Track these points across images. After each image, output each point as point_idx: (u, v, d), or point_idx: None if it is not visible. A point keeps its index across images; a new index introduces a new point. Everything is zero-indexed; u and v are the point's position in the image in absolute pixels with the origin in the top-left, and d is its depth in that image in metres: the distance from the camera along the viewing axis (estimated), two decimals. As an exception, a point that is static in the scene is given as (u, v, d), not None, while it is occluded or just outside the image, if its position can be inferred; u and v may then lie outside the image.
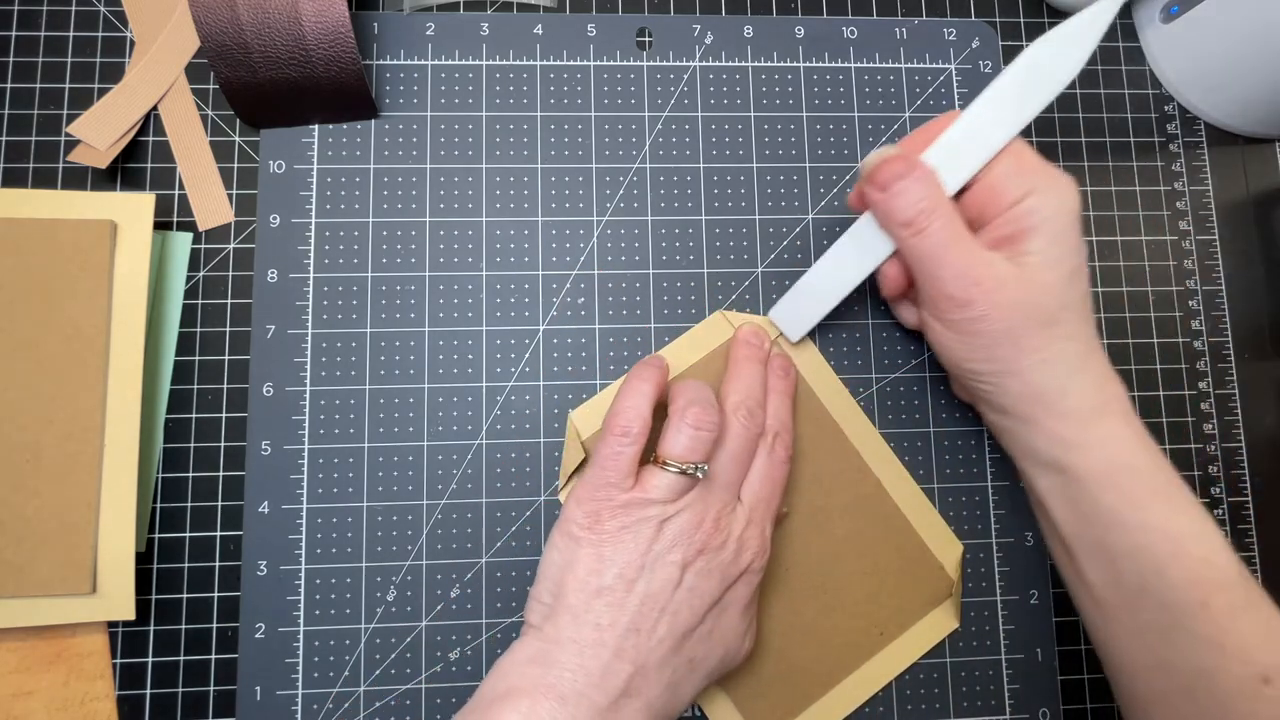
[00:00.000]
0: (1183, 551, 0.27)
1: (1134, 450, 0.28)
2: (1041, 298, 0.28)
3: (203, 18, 0.34)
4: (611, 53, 0.39)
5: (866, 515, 0.35)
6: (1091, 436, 0.28)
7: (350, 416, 0.35)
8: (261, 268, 0.36)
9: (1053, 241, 0.28)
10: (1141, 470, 0.28)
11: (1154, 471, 0.28)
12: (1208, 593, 0.27)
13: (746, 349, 0.34)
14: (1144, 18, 0.41)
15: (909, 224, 0.29)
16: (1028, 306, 0.28)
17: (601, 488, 0.29)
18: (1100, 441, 0.28)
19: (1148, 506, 0.27)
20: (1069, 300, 0.28)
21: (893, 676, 0.35)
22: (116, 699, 0.34)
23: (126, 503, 0.33)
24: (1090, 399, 0.28)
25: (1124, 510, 0.28)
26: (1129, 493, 0.28)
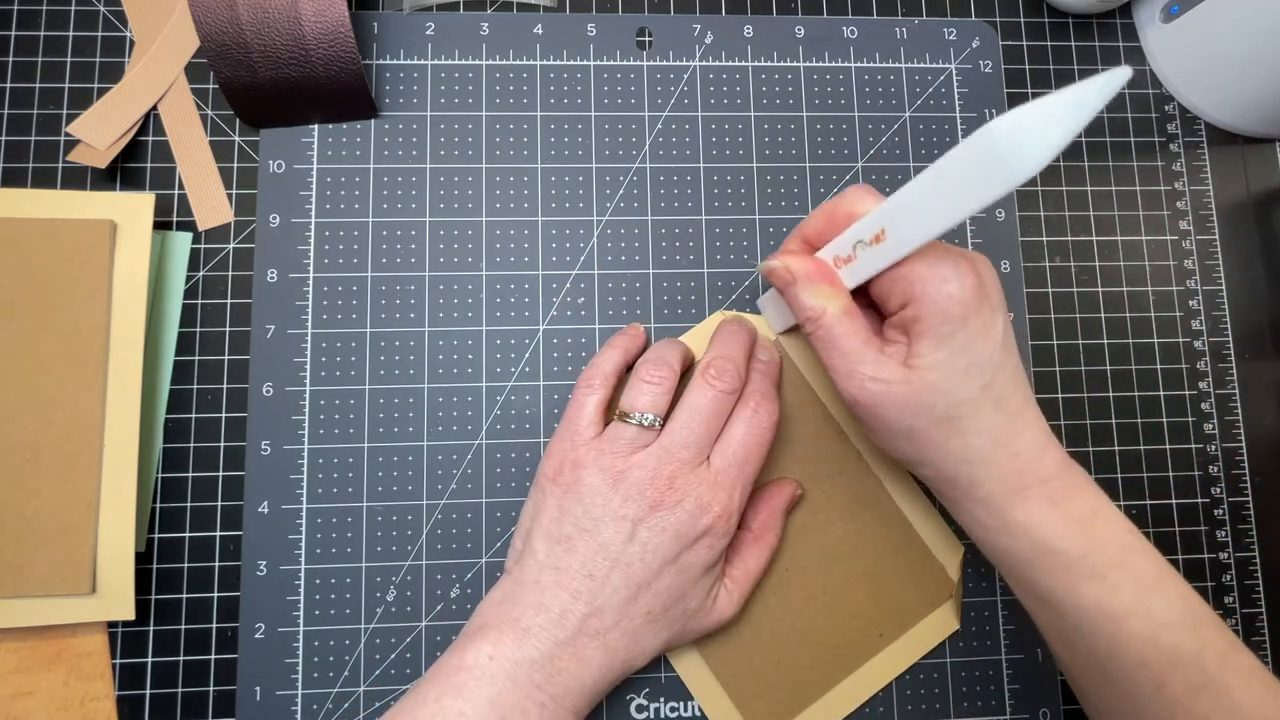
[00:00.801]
0: (1124, 632, 0.26)
1: (1059, 533, 0.27)
2: (930, 399, 0.27)
3: (203, 17, 0.34)
4: (611, 52, 0.39)
5: (867, 516, 0.35)
6: (1009, 521, 0.28)
7: (350, 416, 0.35)
8: (261, 268, 0.36)
9: (938, 344, 0.27)
10: (1069, 553, 0.27)
11: (1086, 554, 0.27)
12: (1160, 674, 0.26)
13: (729, 325, 0.34)
14: (1144, 18, 0.41)
15: (803, 324, 0.30)
16: (916, 407, 0.27)
17: (565, 439, 0.31)
18: (1021, 526, 0.28)
19: (1081, 590, 0.27)
20: (964, 397, 0.27)
21: (893, 677, 0.35)
22: (116, 699, 0.34)
23: (126, 503, 0.32)
24: (1005, 485, 0.28)
25: (1058, 593, 0.27)
26: (1059, 577, 0.27)
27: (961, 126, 0.39)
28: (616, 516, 0.29)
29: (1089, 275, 0.39)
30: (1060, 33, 0.41)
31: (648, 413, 0.30)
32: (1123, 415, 0.38)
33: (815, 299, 0.29)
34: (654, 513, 0.29)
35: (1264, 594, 0.37)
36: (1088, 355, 0.38)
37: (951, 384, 0.27)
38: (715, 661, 0.34)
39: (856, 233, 0.28)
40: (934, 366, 0.27)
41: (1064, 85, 0.22)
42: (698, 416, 0.30)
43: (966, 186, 0.24)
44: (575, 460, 0.30)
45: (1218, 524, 0.38)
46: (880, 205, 0.27)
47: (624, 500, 0.29)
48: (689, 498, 0.29)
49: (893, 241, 0.27)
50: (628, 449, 0.30)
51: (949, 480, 0.29)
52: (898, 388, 0.27)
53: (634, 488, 0.29)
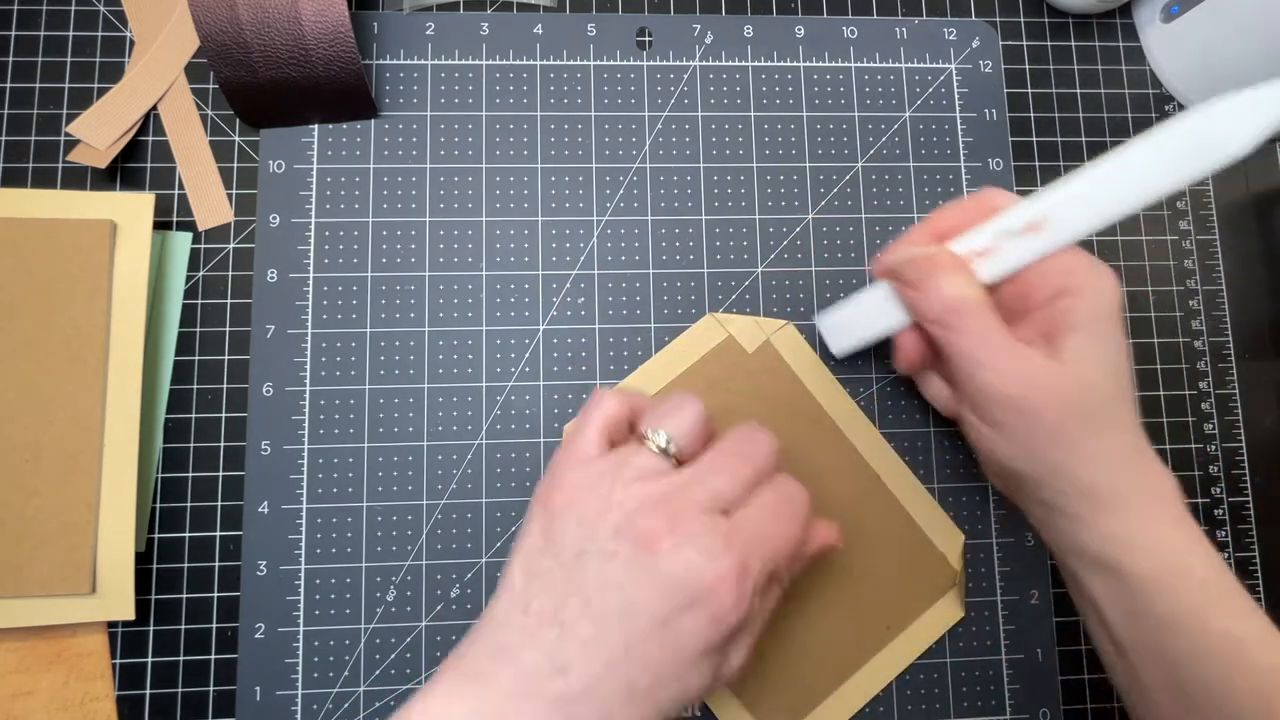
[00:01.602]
0: (1247, 659, 0.25)
1: (1189, 553, 0.26)
2: (1086, 396, 0.26)
3: (202, 17, 0.34)
4: (611, 52, 0.39)
5: (866, 510, 0.35)
6: (1144, 538, 0.26)
7: (350, 416, 0.35)
8: (261, 268, 0.36)
9: (1093, 340, 0.26)
10: (1198, 574, 0.26)
11: (1211, 576, 0.26)
12: (1275, 703, 0.25)
13: None
14: (1144, 18, 0.41)
15: (938, 321, 0.28)
16: (1073, 405, 0.26)
17: (564, 458, 0.27)
18: (1154, 543, 0.26)
19: (1207, 612, 0.26)
20: (1112, 397, 0.26)
21: (901, 670, 0.35)
22: (116, 699, 0.34)
23: (126, 503, 0.32)
24: (1141, 498, 0.27)
25: (1181, 615, 0.26)
26: (1186, 597, 0.26)
27: (961, 126, 0.39)
28: (602, 553, 0.24)
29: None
30: (1060, 33, 0.41)
31: (674, 440, 0.26)
32: (1123, 415, 0.38)
33: (959, 288, 0.27)
34: (641, 553, 0.23)
35: (1264, 594, 0.37)
36: (1088, 355, 0.38)
37: (1105, 382, 0.26)
38: None
39: (1004, 222, 0.27)
40: (1088, 360, 0.26)
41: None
42: (731, 462, 0.26)
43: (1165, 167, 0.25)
44: (570, 483, 0.25)
45: (1218, 524, 0.38)
46: (1039, 196, 0.27)
47: (613, 534, 0.24)
48: (690, 546, 0.23)
49: (1054, 230, 0.27)
50: (634, 476, 0.25)
51: (1085, 490, 0.27)
52: (1055, 383, 0.26)
53: (627, 520, 0.24)
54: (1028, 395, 0.26)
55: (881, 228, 0.38)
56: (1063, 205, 0.27)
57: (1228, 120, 0.24)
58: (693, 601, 0.23)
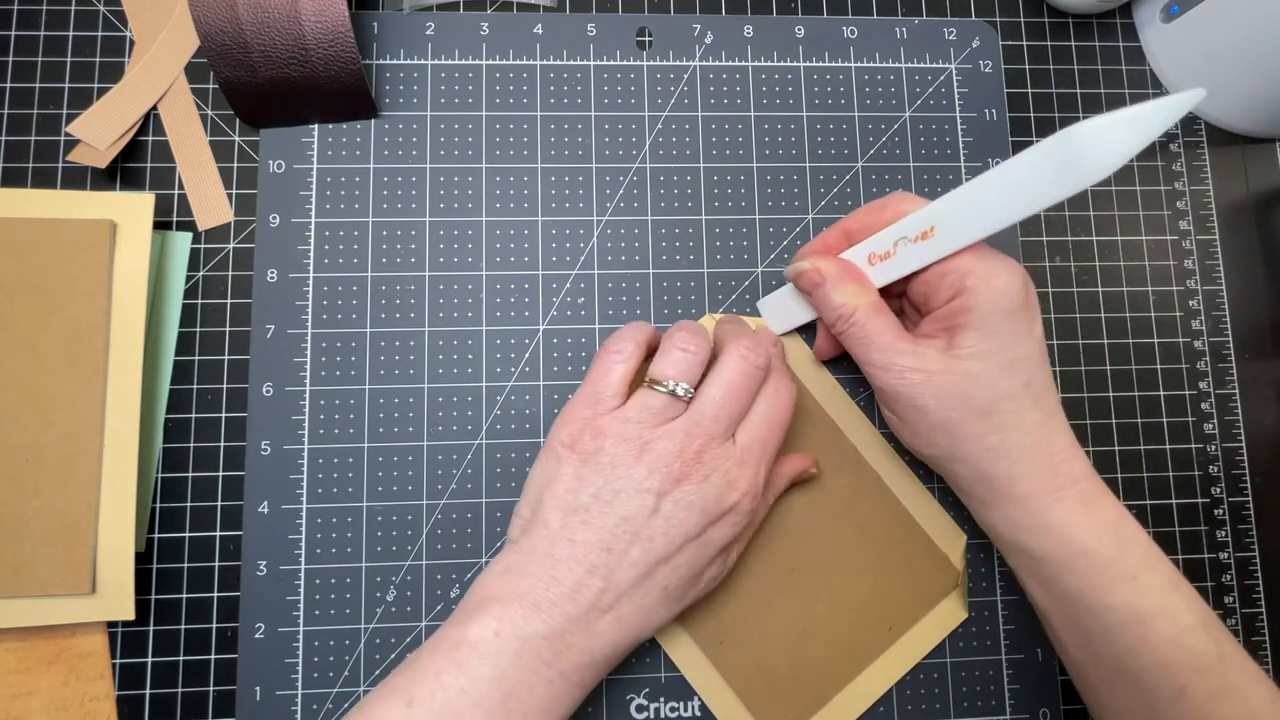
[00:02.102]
0: (1151, 634, 0.26)
1: (1092, 534, 0.27)
2: (973, 390, 0.28)
3: (202, 17, 0.34)
4: (611, 52, 0.39)
5: (868, 511, 0.35)
6: (1045, 521, 0.28)
7: (350, 416, 0.35)
8: (261, 267, 0.36)
9: (985, 336, 0.28)
10: (1101, 554, 0.27)
11: (1116, 555, 0.27)
12: (1183, 678, 0.26)
13: (732, 319, 0.35)
14: (1144, 18, 0.41)
15: (833, 324, 0.31)
16: (959, 398, 0.28)
17: (587, 406, 0.29)
18: (1055, 526, 0.28)
19: (1111, 590, 0.27)
20: (1006, 391, 0.28)
21: (905, 671, 0.35)
22: (116, 699, 0.34)
23: (126, 503, 0.32)
24: (1041, 484, 0.28)
25: (1088, 593, 0.27)
26: (1090, 577, 0.27)
27: (961, 126, 0.39)
28: (640, 489, 0.28)
29: (1089, 275, 0.39)
30: (1060, 33, 0.41)
31: (681, 381, 0.29)
32: (1123, 415, 0.38)
33: (845, 297, 0.30)
34: (680, 486, 0.28)
35: (1264, 594, 0.37)
36: (1088, 355, 0.38)
37: (995, 377, 0.28)
38: (726, 667, 0.34)
39: (901, 229, 0.29)
40: (979, 357, 0.28)
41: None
42: (729, 390, 0.29)
43: (1032, 187, 0.26)
44: (597, 428, 0.29)
45: (1218, 524, 0.38)
46: (930, 204, 0.29)
47: (649, 473, 0.28)
48: (716, 473, 0.28)
49: (941, 238, 0.28)
50: (655, 419, 0.29)
51: (984, 478, 0.29)
52: (939, 377, 0.28)
53: (660, 460, 0.28)
54: (914, 391, 0.28)
55: (881, 228, 0.38)
56: (949, 214, 0.28)
57: (1092, 143, 0.24)
58: (721, 515, 0.29)
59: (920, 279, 0.29)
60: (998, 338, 0.27)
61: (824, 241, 0.33)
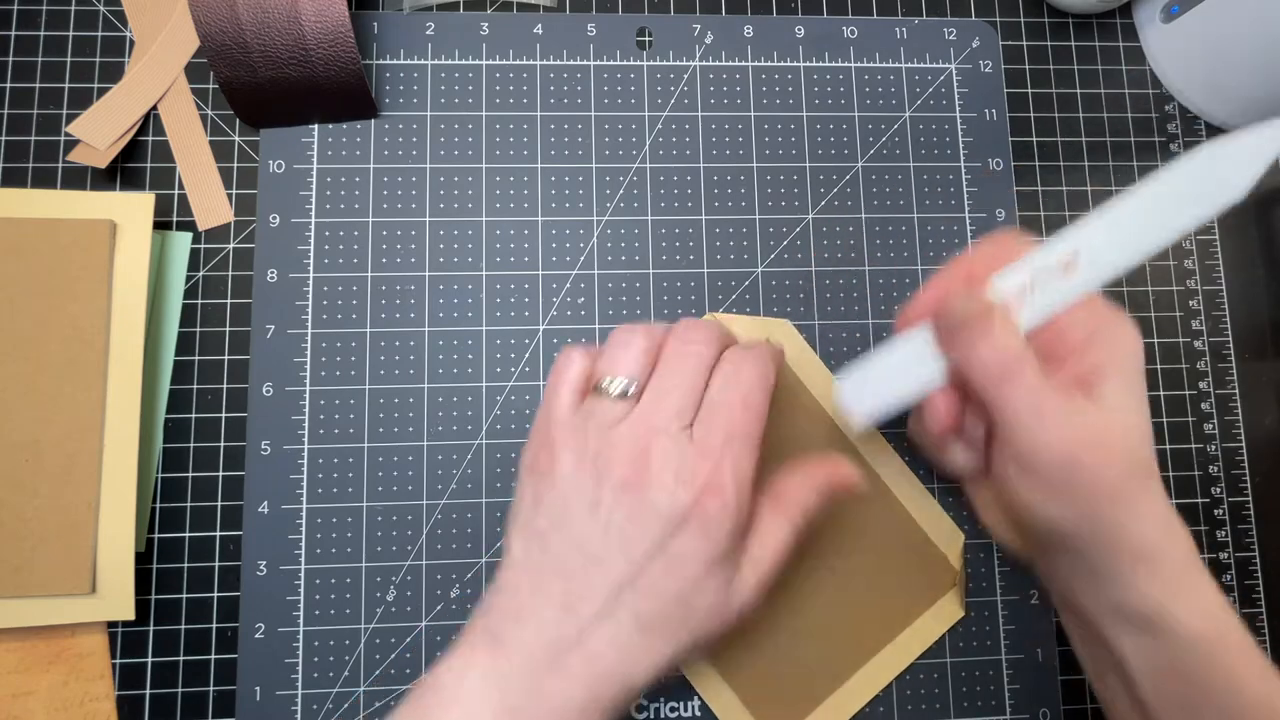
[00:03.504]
0: None
1: (1227, 615, 0.26)
2: (1135, 448, 0.25)
3: (202, 17, 0.34)
4: (611, 52, 0.39)
5: (867, 510, 0.35)
6: (1186, 597, 0.25)
7: (350, 416, 0.35)
8: (261, 268, 0.36)
9: (1129, 388, 0.25)
10: (1235, 638, 0.25)
11: (1245, 640, 0.25)
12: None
13: None
14: (1144, 18, 0.41)
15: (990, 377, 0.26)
16: (1126, 460, 0.25)
17: (542, 422, 0.27)
18: (1196, 604, 0.25)
19: (1244, 678, 0.25)
20: (1151, 449, 0.25)
21: (901, 669, 0.35)
22: (116, 699, 0.34)
23: (126, 503, 0.32)
24: (1181, 556, 0.26)
25: (1219, 678, 0.25)
26: (1223, 660, 0.25)
27: (961, 126, 0.39)
28: (591, 503, 0.25)
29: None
30: (1060, 33, 0.41)
31: (621, 377, 0.26)
32: (1123, 415, 0.38)
33: (1011, 338, 0.25)
34: (628, 494, 0.25)
35: (1264, 594, 0.37)
36: (1088, 355, 0.38)
37: (1145, 431, 0.25)
38: (725, 666, 0.34)
39: (1038, 261, 0.26)
40: (1129, 410, 0.25)
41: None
42: (673, 378, 0.26)
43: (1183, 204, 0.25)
44: (549, 441, 0.26)
45: (1218, 524, 0.38)
46: (1061, 234, 0.26)
47: (597, 483, 0.25)
48: (667, 471, 0.25)
49: (1088, 268, 0.25)
50: (603, 423, 0.26)
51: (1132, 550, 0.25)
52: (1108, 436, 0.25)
53: (608, 467, 0.25)
54: (1087, 453, 0.25)
55: (881, 228, 0.38)
56: (1095, 240, 0.26)
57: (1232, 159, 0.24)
58: (682, 521, 0.25)
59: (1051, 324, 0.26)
60: (1138, 391, 0.25)
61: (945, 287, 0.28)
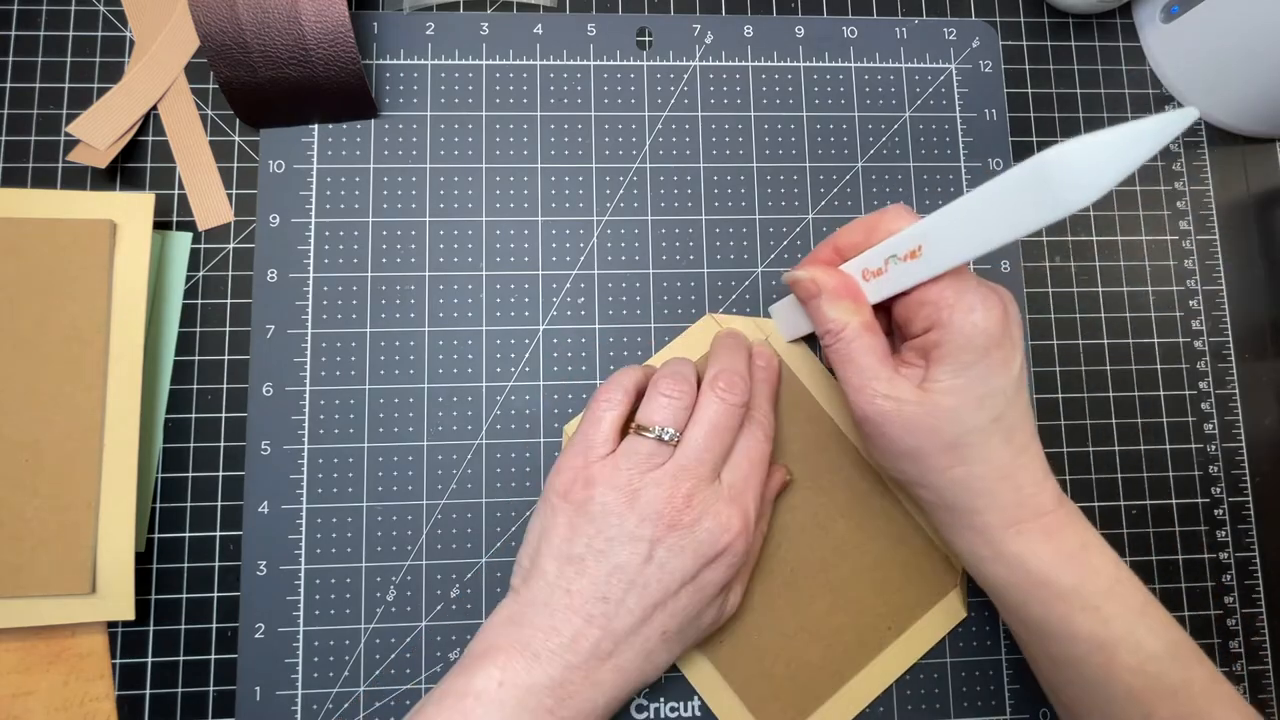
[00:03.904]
0: (1115, 663, 0.27)
1: (1053, 564, 0.28)
2: (941, 424, 0.27)
3: (202, 17, 0.34)
4: (611, 53, 0.39)
5: (868, 511, 0.35)
6: (1005, 551, 0.28)
7: (350, 416, 0.35)
8: (261, 268, 0.36)
9: (957, 372, 0.27)
10: (1061, 584, 0.27)
11: (1078, 584, 0.27)
12: (1149, 705, 0.27)
13: (726, 339, 0.34)
14: (1144, 18, 0.41)
15: (822, 335, 0.30)
16: (925, 431, 0.28)
17: (579, 455, 0.30)
18: (1016, 557, 0.28)
19: (1073, 620, 0.27)
20: (975, 426, 0.27)
21: (903, 670, 0.35)
22: (116, 699, 0.34)
23: (126, 503, 0.32)
24: (1003, 516, 0.28)
25: (1051, 622, 0.28)
26: (1052, 608, 0.28)
27: (961, 126, 0.39)
28: (632, 537, 0.28)
29: (1089, 275, 0.39)
30: (1060, 33, 0.41)
31: (667, 427, 0.30)
32: (1123, 415, 0.38)
33: (838, 313, 0.29)
34: (672, 532, 0.28)
35: (1264, 594, 0.37)
36: (1088, 355, 0.38)
37: (964, 412, 0.27)
38: (726, 666, 0.34)
39: (891, 247, 0.28)
40: (949, 392, 0.27)
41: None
42: (711, 431, 0.30)
43: (1012, 212, 0.24)
44: (588, 478, 0.29)
45: (1218, 524, 0.38)
46: (919, 222, 0.27)
47: (640, 520, 0.28)
48: (708, 516, 0.29)
49: (928, 258, 0.27)
50: (644, 465, 0.29)
51: (947, 506, 0.29)
52: (909, 408, 0.28)
53: (650, 507, 0.28)
54: (883, 419, 0.28)
55: (881, 228, 0.38)
56: (936, 234, 0.27)
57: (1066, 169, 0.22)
58: (715, 557, 0.29)
59: (900, 304, 0.29)
60: (970, 373, 0.27)
61: (817, 257, 0.32)
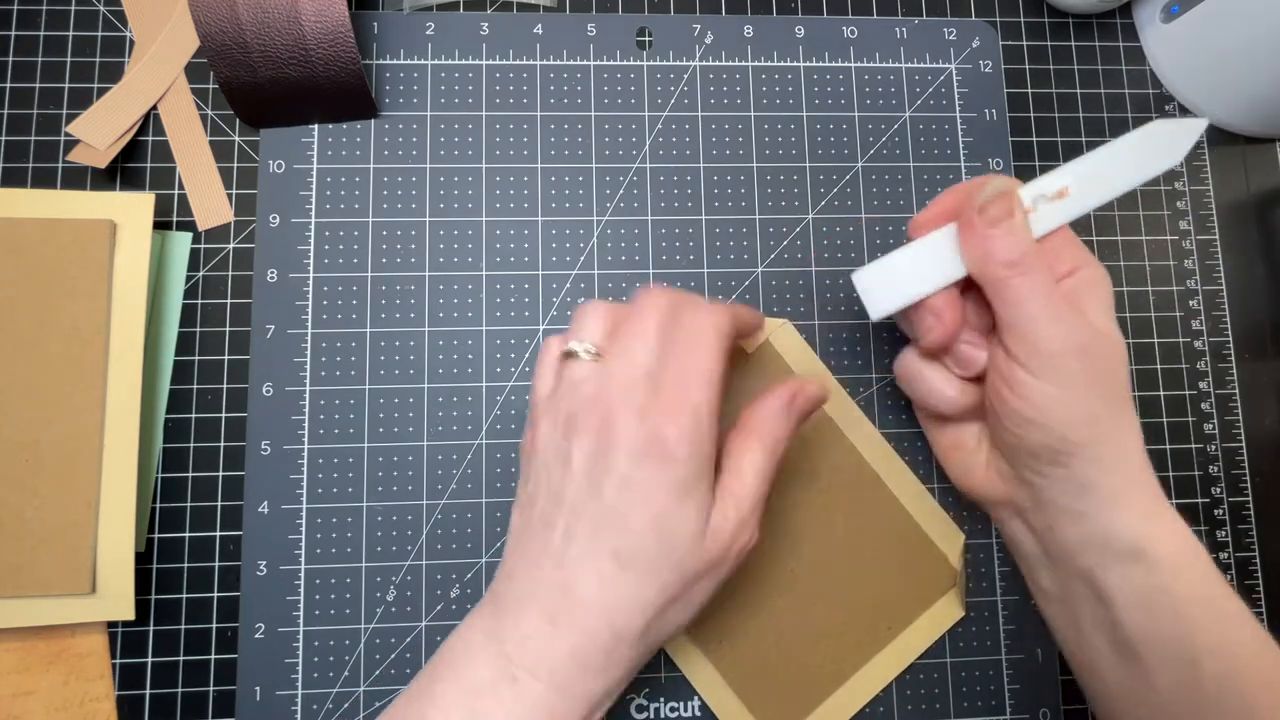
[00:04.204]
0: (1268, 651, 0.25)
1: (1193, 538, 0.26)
2: (1121, 367, 0.27)
3: (202, 17, 0.34)
4: (611, 52, 0.39)
5: (867, 510, 0.35)
6: (1161, 521, 0.27)
7: (350, 416, 0.35)
8: (261, 268, 0.36)
9: (1108, 313, 0.28)
10: (1203, 557, 0.26)
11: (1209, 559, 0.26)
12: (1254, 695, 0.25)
13: None
14: (1144, 18, 0.41)
15: (1014, 264, 0.27)
16: (1117, 369, 0.27)
17: (531, 405, 0.29)
18: (1171, 527, 0.26)
19: (1224, 600, 0.26)
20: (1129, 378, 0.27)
21: (902, 669, 0.35)
22: (116, 699, 0.34)
23: (126, 503, 0.32)
24: (1156, 485, 0.27)
25: (1201, 602, 0.26)
26: (1203, 584, 0.26)
27: (961, 126, 0.39)
28: (563, 457, 0.26)
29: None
30: (1060, 33, 0.41)
31: (586, 341, 0.27)
32: (1123, 415, 0.38)
33: (1028, 232, 0.28)
34: (595, 437, 0.25)
35: (1264, 594, 0.37)
36: (1088, 355, 0.38)
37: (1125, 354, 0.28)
38: (725, 666, 0.34)
39: (1040, 187, 0.30)
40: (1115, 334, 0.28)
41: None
42: (634, 333, 0.27)
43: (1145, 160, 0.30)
44: (533, 420, 0.28)
45: (1218, 524, 0.38)
46: (1065, 166, 0.30)
47: (567, 438, 0.26)
48: (629, 411, 0.25)
49: (1076, 197, 0.29)
50: (571, 388, 0.27)
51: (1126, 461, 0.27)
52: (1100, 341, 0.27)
53: (577, 420, 0.26)
54: (1094, 345, 0.27)
55: (881, 228, 0.38)
56: (1082, 176, 0.30)
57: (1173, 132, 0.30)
58: (644, 451, 0.25)
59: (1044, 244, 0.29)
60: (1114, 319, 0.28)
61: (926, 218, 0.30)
